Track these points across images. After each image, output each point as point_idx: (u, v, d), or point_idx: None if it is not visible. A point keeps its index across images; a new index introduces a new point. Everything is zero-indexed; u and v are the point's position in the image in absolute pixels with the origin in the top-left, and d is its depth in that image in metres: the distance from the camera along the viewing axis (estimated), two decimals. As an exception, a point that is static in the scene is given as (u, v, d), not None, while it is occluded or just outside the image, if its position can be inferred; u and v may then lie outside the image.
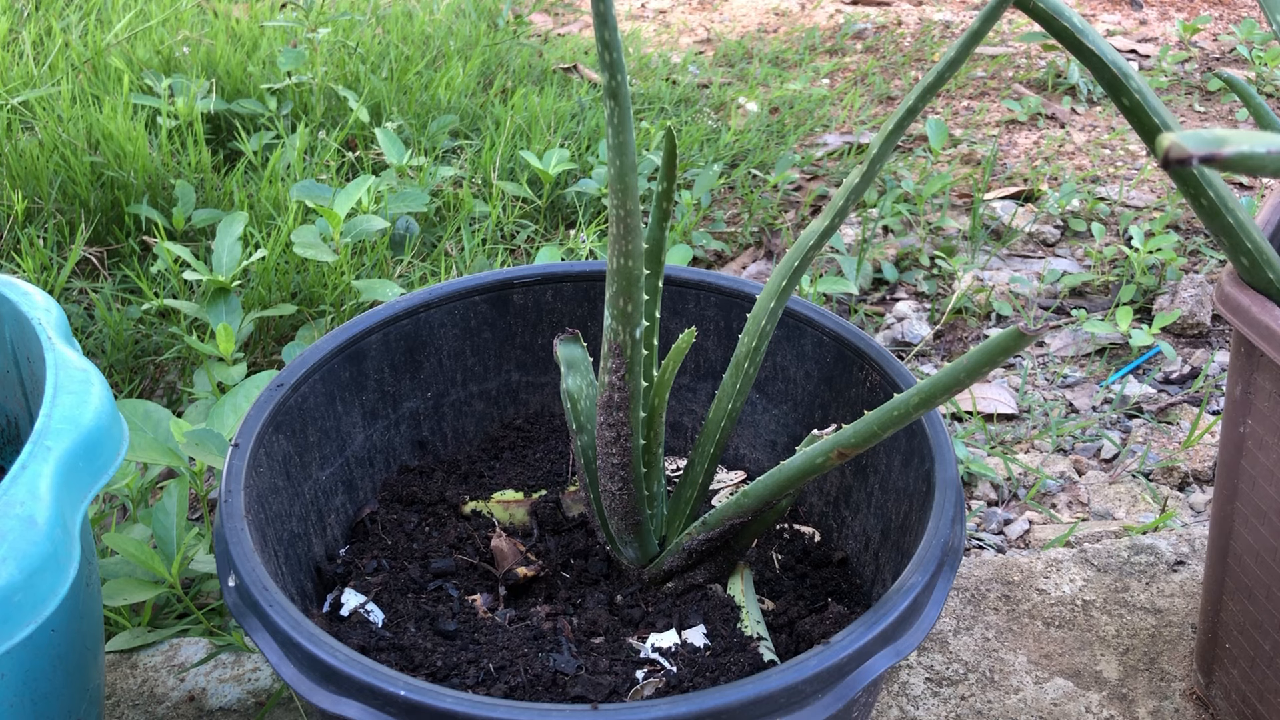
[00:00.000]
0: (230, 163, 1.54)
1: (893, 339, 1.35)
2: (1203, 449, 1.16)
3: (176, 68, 1.66)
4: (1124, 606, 0.92)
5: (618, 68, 0.52)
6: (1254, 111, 0.70)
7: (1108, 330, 1.32)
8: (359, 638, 0.64)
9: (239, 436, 0.65)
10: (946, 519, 0.59)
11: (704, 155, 1.68)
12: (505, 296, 0.82)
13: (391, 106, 1.66)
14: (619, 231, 0.57)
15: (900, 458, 0.69)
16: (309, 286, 1.24)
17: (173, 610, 0.90)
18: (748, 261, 1.51)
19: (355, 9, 1.98)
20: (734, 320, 0.82)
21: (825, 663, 0.50)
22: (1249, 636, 0.73)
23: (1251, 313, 0.62)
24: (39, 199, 1.34)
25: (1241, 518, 0.71)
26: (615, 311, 0.60)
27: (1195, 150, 0.32)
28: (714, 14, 2.48)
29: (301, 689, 0.50)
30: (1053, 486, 1.11)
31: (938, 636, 0.89)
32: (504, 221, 1.46)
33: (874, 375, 0.73)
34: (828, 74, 2.12)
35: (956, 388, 0.51)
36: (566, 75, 1.95)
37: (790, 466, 0.61)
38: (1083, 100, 2.05)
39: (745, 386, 0.68)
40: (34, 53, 1.67)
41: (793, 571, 0.76)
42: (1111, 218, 1.63)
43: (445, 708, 0.47)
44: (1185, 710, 0.82)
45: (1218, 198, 0.59)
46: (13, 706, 0.55)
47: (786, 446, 0.83)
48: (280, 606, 0.53)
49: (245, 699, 0.81)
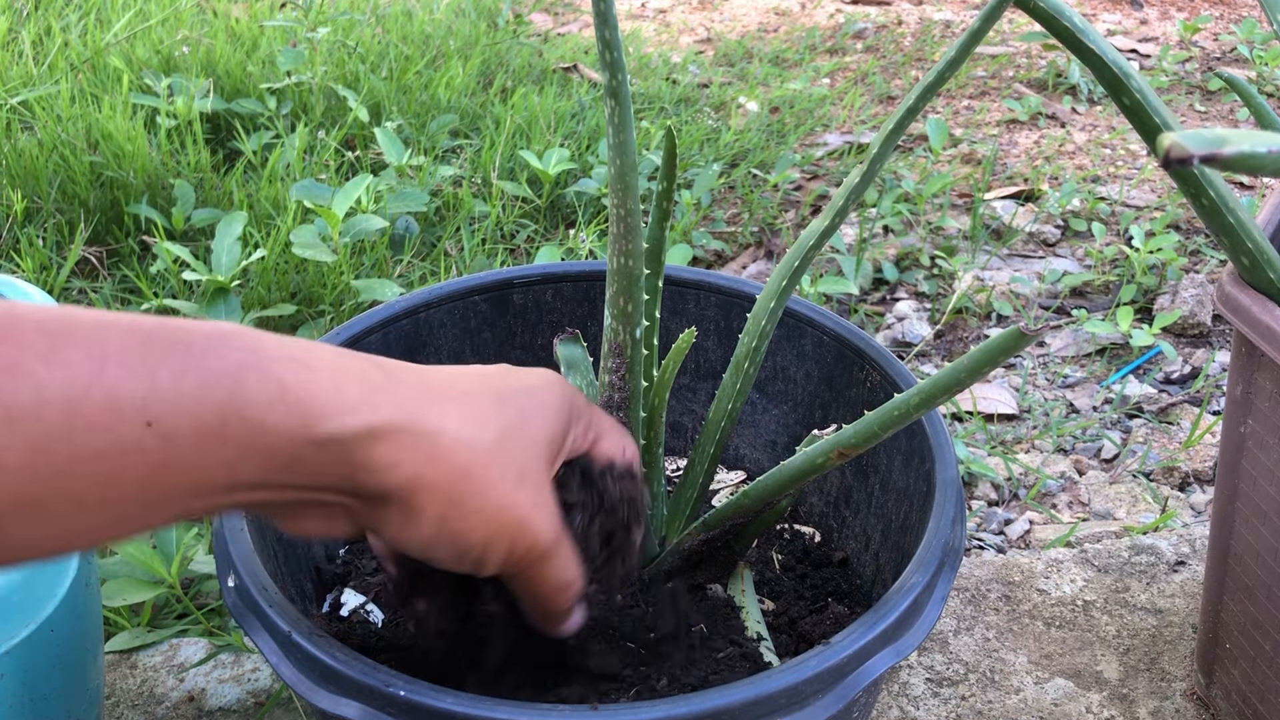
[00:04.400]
0: (230, 162, 1.54)
1: (893, 339, 1.35)
2: (1203, 449, 1.16)
3: (176, 67, 1.66)
4: (1124, 607, 0.92)
5: (618, 67, 0.52)
6: (1255, 111, 0.70)
7: (1108, 330, 1.32)
8: (359, 638, 0.64)
9: (239, 436, 0.64)
10: (947, 519, 0.59)
11: (704, 155, 1.68)
12: (505, 296, 0.82)
13: (391, 106, 1.66)
14: (619, 231, 0.57)
15: (901, 458, 0.69)
16: (308, 286, 1.24)
17: (172, 610, 0.90)
18: (748, 261, 1.51)
19: (355, 8, 1.97)
20: (734, 320, 0.82)
21: (825, 663, 0.50)
22: (1249, 636, 0.73)
23: (1252, 313, 0.62)
24: (38, 199, 1.34)
25: (1242, 518, 0.71)
26: (615, 311, 0.60)
27: (1196, 150, 0.32)
28: (714, 13, 2.48)
29: (301, 689, 0.50)
30: (1053, 486, 1.11)
31: (938, 637, 0.89)
32: (504, 221, 1.46)
33: (874, 375, 0.73)
34: (828, 73, 2.12)
35: (957, 388, 0.51)
36: (566, 75, 1.95)
37: (790, 466, 0.61)
38: (1083, 100, 2.05)
39: (745, 386, 0.68)
40: (33, 52, 1.67)
41: (793, 572, 0.76)
42: (1112, 217, 1.63)
43: (445, 708, 0.47)
44: (1186, 710, 0.82)
45: (1218, 197, 0.59)
46: (12, 707, 0.55)
47: (786, 446, 0.83)
48: (280, 606, 0.53)
49: (245, 699, 0.81)
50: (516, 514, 0.46)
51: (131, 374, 0.36)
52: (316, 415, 0.40)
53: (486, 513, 0.45)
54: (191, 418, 0.37)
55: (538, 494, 0.47)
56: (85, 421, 0.35)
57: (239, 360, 0.39)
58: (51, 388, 0.35)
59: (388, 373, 0.44)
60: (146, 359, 0.37)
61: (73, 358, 0.35)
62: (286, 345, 0.41)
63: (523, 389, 0.48)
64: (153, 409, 0.36)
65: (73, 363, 0.35)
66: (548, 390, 0.50)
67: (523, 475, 0.46)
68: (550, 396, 0.49)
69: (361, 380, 0.42)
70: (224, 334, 0.39)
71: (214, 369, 0.38)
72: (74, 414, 0.35)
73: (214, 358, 0.38)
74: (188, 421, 0.37)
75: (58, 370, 0.35)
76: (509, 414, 0.47)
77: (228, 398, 0.38)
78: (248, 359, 0.39)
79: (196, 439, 0.37)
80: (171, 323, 0.39)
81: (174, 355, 0.37)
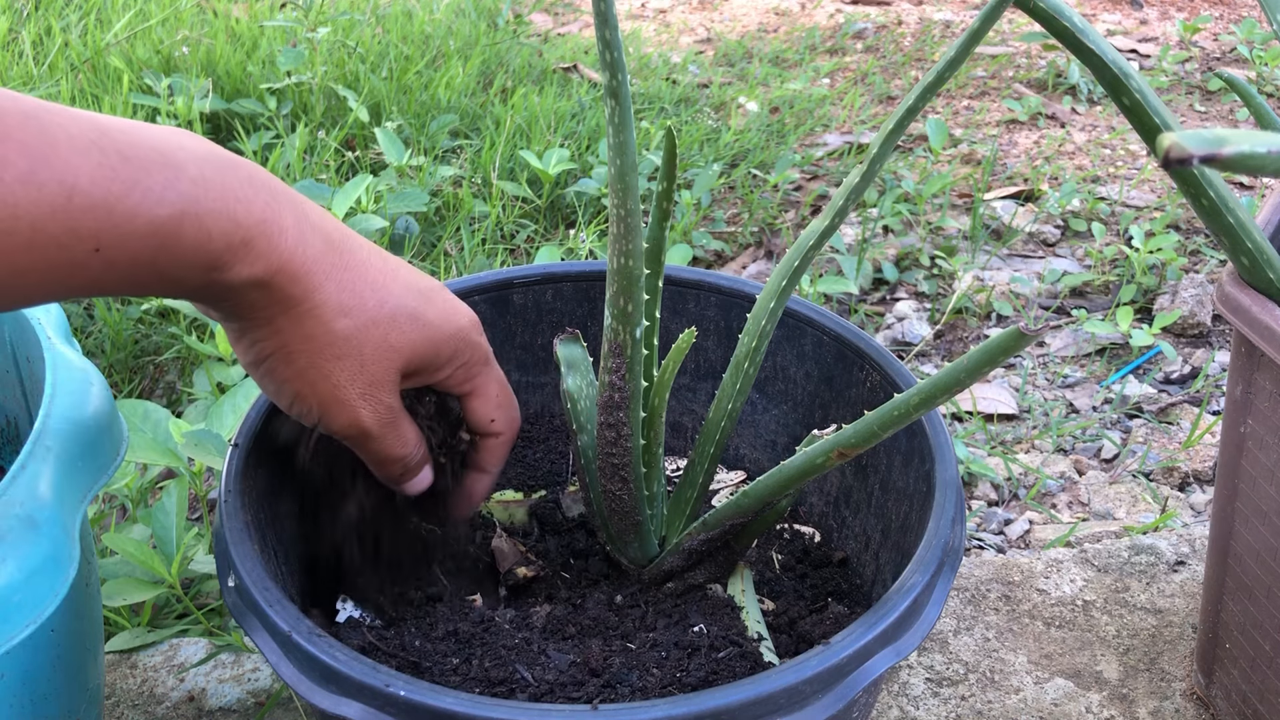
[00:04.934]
0: (230, 162, 1.53)
1: (893, 339, 1.35)
2: (1203, 449, 1.16)
3: (176, 67, 1.66)
4: (1124, 607, 0.92)
5: (618, 67, 0.52)
6: (1254, 111, 0.70)
7: (1108, 330, 1.32)
8: (359, 638, 0.64)
9: (238, 437, 0.65)
10: (947, 519, 0.59)
11: (704, 155, 1.68)
12: (505, 296, 0.82)
13: (391, 106, 1.66)
14: (619, 231, 0.57)
15: (900, 458, 0.69)
16: (309, 286, 1.24)
17: (172, 610, 0.90)
18: (748, 261, 1.51)
19: (355, 9, 1.97)
20: (734, 320, 0.82)
21: (825, 663, 0.50)
22: (1249, 636, 0.73)
23: (1252, 313, 0.62)
24: (39, 199, 1.33)
25: (1242, 518, 0.71)
26: (615, 311, 0.60)
27: (1196, 150, 0.32)
28: (714, 13, 2.48)
29: (301, 689, 0.50)
30: (1053, 486, 1.11)
31: (938, 637, 0.89)
32: (504, 221, 1.46)
33: (874, 375, 0.73)
34: (828, 74, 2.12)
35: (957, 388, 0.51)
36: (566, 75, 1.95)
37: (790, 466, 0.61)
38: (1083, 100, 2.05)
39: (745, 386, 0.68)
40: (34, 52, 1.67)
41: (793, 571, 0.76)
42: (1112, 217, 1.63)
43: (445, 708, 0.47)
44: (1186, 710, 0.82)
45: (1218, 197, 0.59)
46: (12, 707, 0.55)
47: (786, 446, 0.83)
48: (280, 606, 0.53)
49: (245, 699, 0.81)
50: (335, 392, 0.54)
51: (93, 206, 0.43)
52: (221, 266, 0.48)
53: (308, 375, 0.53)
54: (131, 253, 0.45)
55: (371, 387, 0.55)
56: (46, 239, 0.42)
57: (181, 209, 0.46)
58: (24, 206, 0.41)
59: (301, 228, 0.51)
60: (108, 195, 0.43)
61: (46, 181, 0.42)
62: (227, 191, 0.48)
63: (413, 312, 0.55)
64: (103, 239, 0.44)
65: (45, 186, 0.42)
66: (439, 324, 0.57)
67: (362, 367, 0.54)
68: (432, 328, 0.57)
69: (275, 234, 0.49)
70: (177, 176, 0.46)
71: (160, 216, 0.45)
72: (39, 231, 0.42)
73: (163, 206, 0.45)
74: (128, 254, 0.45)
75: (32, 191, 0.41)
76: (380, 316, 0.54)
77: (164, 242, 0.46)
78: (188, 208, 0.46)
79: (130, 266, 0.45)
80: (135, 150, 0.45)
81: (131, 196, 0.44)
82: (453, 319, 0.58)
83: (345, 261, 0.53)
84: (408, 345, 0.55)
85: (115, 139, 0.45)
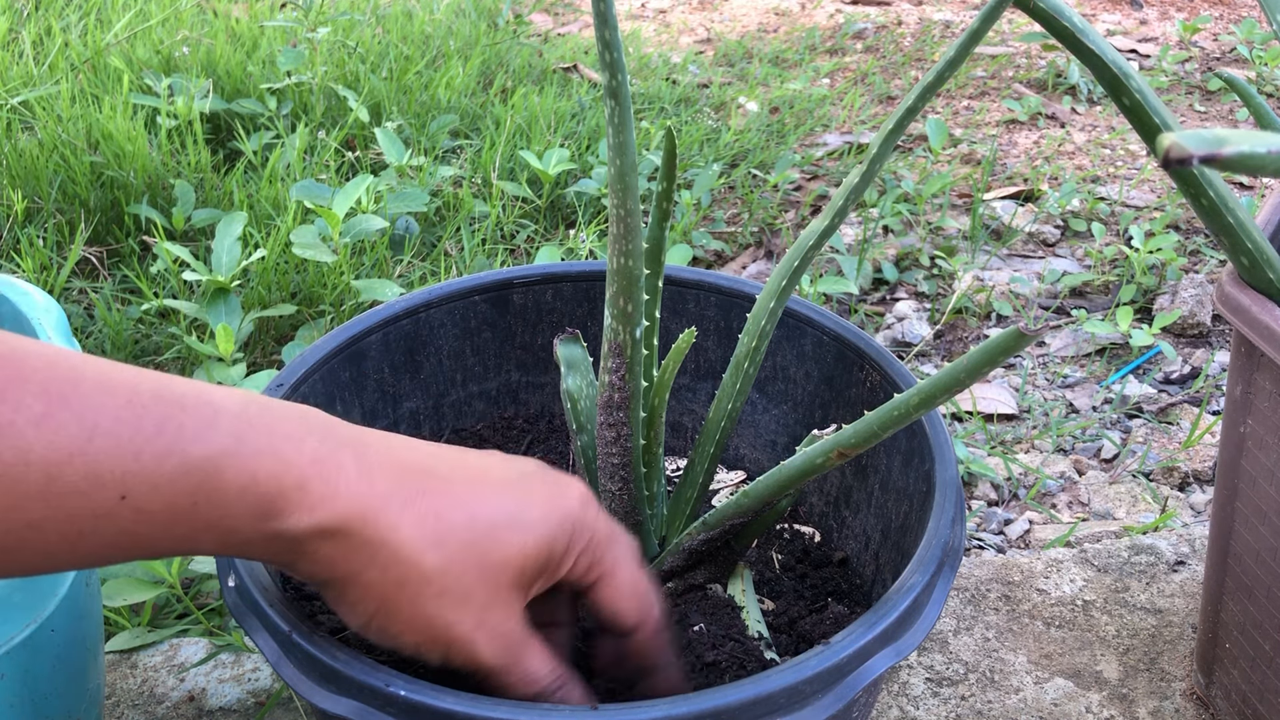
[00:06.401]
0: (230, 162, 1.54)
1: (893, 339, 1.35)
2: (1203, 449, 1.16)
3: (176, 67, 1.66)
4: (1124, 606, 0.92)
5: (618, 67, 0.52)
6: (1254, 111, 0.70)
7: (1108, 330, 1.32)
8: (359, 639, 0.64)
9: (239, 436, 0.64)
10: (947, 519, 0.59)
11: (704, 155, 1.68)
12: (505, 296, 0.82)
13: (391, 106, 1.66)
14: (619, 231, 0.57)
15: (900, 458, 0.69)
16: (309, 286, 1.24)
17: (173, 610, 0.90)
18: (748, 261, 1.51)
19: (355, 9, 1.98)
20: (734, 320, 0.82)
21: (825, 663, 0.50)
22: (1249, 636, 0.73)
23: (1252, 313, 0.62)
24: (39, 199, 1.34)
25: (1242, 518, 0.71)
26: (615, 311, 0.60)
27: (1195, 150, 0.32)
28: (714, 14, 2.48)
29: (301, 689, 0.50)
30: (1053, 486, 1.11)
31: (938, 636, 0.89)
32: (504, 221, 1.46)
33: (874, 375, 0.73)
34: (828, 74, 2.12)
35: (957, 388, 0.51)
36: (566, 75, 1.95)
37: (790, 466, 0.61)
38: (1083, 100, 2.05)
39: (745, 386, 0.68)
40: (34, 52, 1.67)
41: (793, 571, 0.76)
42: (1112, 217, 1.63)
43: (445, 708, 0.47)
44: (1185, 710, 0.82)
45: (1218, 197, 0.59)
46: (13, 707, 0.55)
47: (786, 446, 0.83)
48: (280, 606, 0.53)
49: (245, 699, 0.81)
50: (449, 631, 0.47)
51: (117, 447, 0.39)
52: (276, 513, 0.43)
53: (416, 622, 0.47)
54: (165, 499, 0.40)
55: (484, 614, 0.48)
56: (64, 486, 0.38)
57: (222, 448, 0.41)
58: (37, 451, 0.37)
59: (365, 465, 0.46)
60: (136, 434, 0.39)
61: (65, 422, 0.38)
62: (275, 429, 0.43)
63: (511, 517, 0.49)
64: (130, 484, 0.39)
65: (63, 428, 0.38)
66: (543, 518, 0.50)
67: (467, 596, 0.47)
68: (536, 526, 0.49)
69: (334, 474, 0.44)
70: (217, 413, 0.42)
71: (196, 456, 0.41)
72: (54, 478, 0.38)
73: (200, 444, 0.41)
74: (161, 501, 0.40)
75: (47, 434, 0.37)
76: (474, 535, 0.48)
77: (202, 485, 0.41)
78: (230, 446, 0.41)
79: (167, 515, 0.41)
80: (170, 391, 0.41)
81: (163, 435, 0.40)
82: (559, 505, 0.51)
83: (423, 487, 0.47)
84: (515, 556, 0.49)
85: (151, 379, 0.41)
